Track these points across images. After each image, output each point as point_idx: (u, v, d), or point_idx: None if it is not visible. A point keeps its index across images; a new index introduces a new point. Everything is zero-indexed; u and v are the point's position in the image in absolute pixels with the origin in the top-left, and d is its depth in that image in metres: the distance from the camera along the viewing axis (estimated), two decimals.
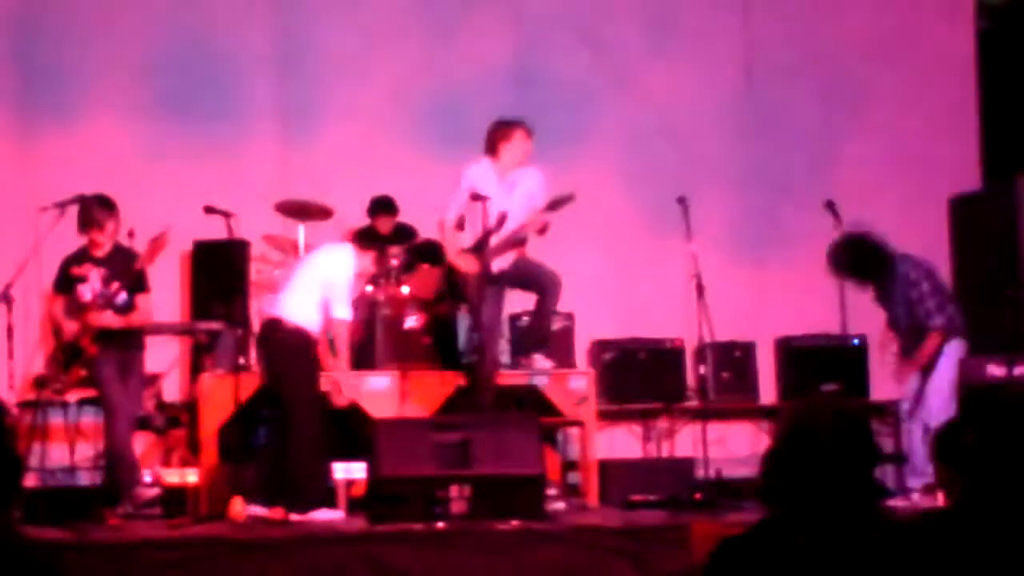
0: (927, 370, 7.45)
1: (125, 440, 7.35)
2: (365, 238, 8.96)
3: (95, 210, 7.37)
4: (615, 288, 8.30)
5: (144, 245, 7.49)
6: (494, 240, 7.68)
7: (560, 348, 8.80)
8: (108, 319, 7.40)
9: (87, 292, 7.38)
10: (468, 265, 7.75)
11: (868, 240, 7.53)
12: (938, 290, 7.52)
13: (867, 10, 10.57)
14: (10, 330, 7.60)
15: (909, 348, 7.52)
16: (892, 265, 7.48)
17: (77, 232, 7.43)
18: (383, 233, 9.21)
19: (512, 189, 7.82)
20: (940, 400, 7.37)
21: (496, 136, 7.84)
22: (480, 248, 7.66)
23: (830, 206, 7.76)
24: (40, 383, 8.15)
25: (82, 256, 7.44)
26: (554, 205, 7.69)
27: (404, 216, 9.34)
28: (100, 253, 7.42)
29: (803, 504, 2.79)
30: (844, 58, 10.50)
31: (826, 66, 10.44)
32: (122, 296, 7.39)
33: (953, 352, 7.46)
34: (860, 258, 7.50)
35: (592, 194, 8.33)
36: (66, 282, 7.43)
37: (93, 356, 7.38)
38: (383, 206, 9.28)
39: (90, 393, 7.96)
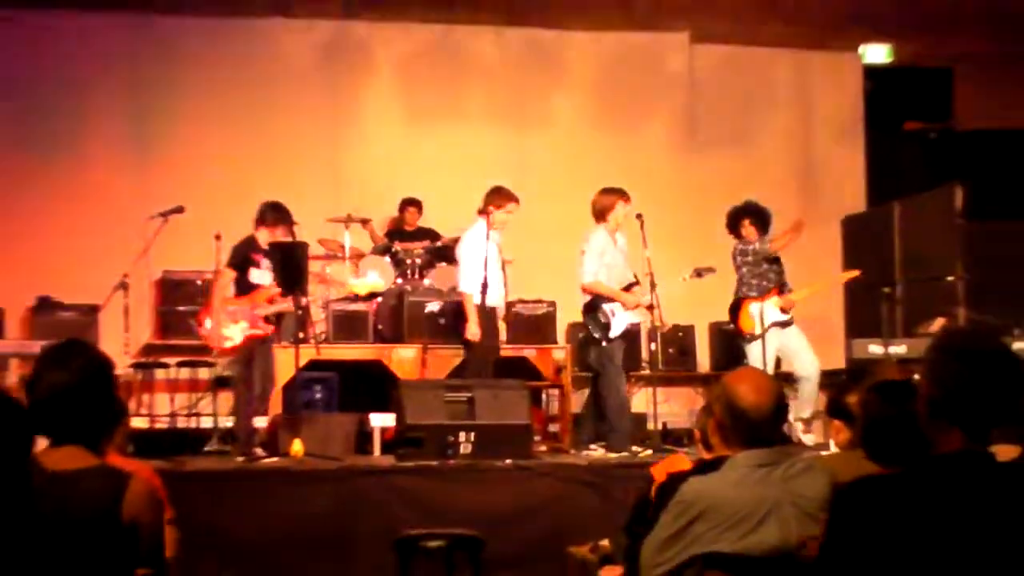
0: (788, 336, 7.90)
1: (248, 416, 7.32)
2: (393, 233, 9.35)
3: (271, 213, 7.36)
4: None
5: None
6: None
7: (545, 329, 8.99)
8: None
9: (258, 276, 7.32)
10: (631, 300, 7.56)
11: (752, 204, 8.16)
12: None
13: (779, 84, 10.89)
14: (126, 309, 7.77)
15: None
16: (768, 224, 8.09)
17: (255, 226, 7.31)
18: (409, 230, 9.36)
19: (617, 247, 7.74)
20: (810, 353, 7.88)
21: (605, 203, 7.59)
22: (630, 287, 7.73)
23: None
24: (149, 349, 8.44)
25: (255, 245, 7.36)
26: (699, 273, 7.70)
27: (429, 220, 9.46)
28: (265, 245, 7.38)
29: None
30: (761, 115, 10.75)
31: (749, 122, 10.72)
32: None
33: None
34: (748, 212, 8.07)
35: (573, 211, 8.24)
36: (244, 261, 7.29)
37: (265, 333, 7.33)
38: (411, 201, 9.40)
39: (188, 356, 8.28)
